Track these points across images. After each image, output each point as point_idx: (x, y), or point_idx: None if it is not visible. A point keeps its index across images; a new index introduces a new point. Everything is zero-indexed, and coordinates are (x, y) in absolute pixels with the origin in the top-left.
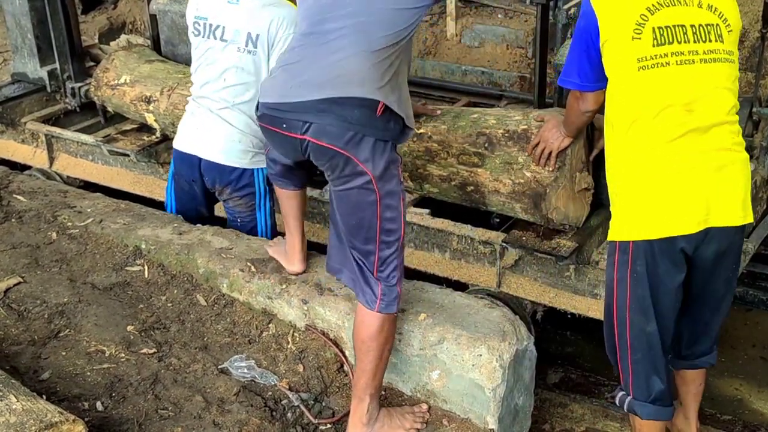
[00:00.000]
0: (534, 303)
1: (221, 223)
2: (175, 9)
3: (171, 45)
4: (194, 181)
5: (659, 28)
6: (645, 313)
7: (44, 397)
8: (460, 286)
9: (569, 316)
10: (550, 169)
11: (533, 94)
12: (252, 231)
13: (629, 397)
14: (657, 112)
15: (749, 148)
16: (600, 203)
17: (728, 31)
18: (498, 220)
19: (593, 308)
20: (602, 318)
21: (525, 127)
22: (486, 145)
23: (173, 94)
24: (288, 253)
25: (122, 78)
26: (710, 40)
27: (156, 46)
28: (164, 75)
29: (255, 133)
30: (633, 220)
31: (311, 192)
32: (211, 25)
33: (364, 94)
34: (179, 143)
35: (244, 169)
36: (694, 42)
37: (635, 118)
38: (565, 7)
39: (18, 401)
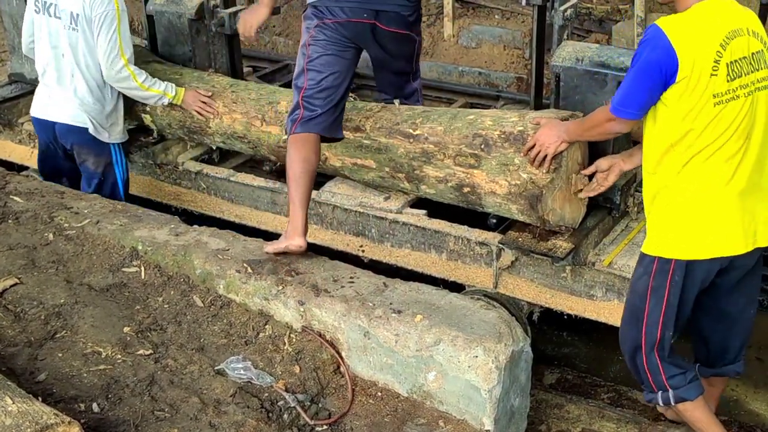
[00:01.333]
0: (530, 304)
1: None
2: (172, 10)
3: (168, 45)
4: (50, 143)
5: (730, 63)
6: (670, 319)
7: (40, 398)
8: (456, 287)
9: (566, 317)
10: (546, 171)
11: (530, 94)
12: (103, 192)
13: (671, 391)
14: (725, 140)
15: None
16: (596, 204)
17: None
18: (495, 220)
19: (589, 309)
20: (599, 319)
21: (521, 128)
22: (482, 146)
23: None
24: (289, 230)
25: None
26: (761, 68)
27: (153, 46)
28: (161, 75)
29: (99, 100)
30: (686, 239)
31: None
32: (46, 3)
33: None
34: (34, 111)
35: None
36: (752, 72)
37: (705, 146)
38: (562, 8)
39: (13, 403)
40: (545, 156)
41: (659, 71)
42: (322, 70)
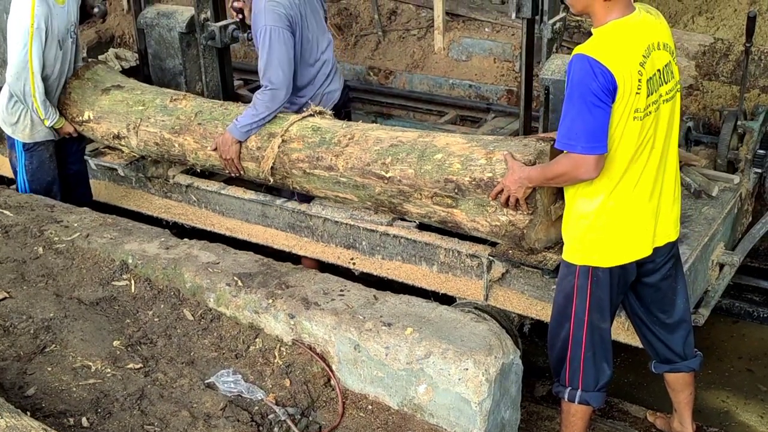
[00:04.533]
0: (521, 316)
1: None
2: (163, 23)
3: (159, 59)
4: None
5: (649, 80)
6: (602, 311)
7: (29, 413)
8: (447, 300)
9: None
10: (523, 211)
11: (520, 107)
12: (18, 183)
13: (579, 391)
14: (634, 152)
15: (734, 161)
16: None
17: (675, 63)
18: None
19: None
20: None
21: (490, 175)
22: (456, 190)
23: (140, 131)
24: None
25: (85, 114)
26: (667, 81)
27: (143, 59)
28: (124, 109)
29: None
30: (600, 248)
31: (299, 206)
32: None
33: None
34: None
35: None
36: (660, 86)
37: (620, 158)
38: (551, 21)
39: (2, 418)
40: (516, 199)
41: (607, 95)
42: None
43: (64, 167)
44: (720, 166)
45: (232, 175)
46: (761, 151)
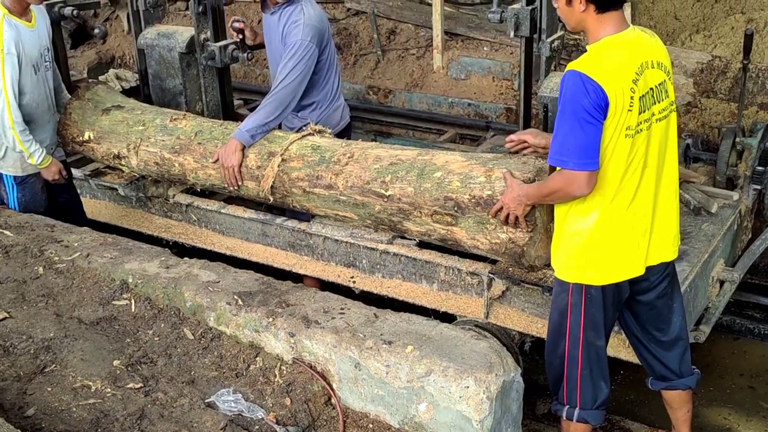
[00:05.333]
0: (522, 334)
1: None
2: (163, 44)
3: (159, 79)
4: None
5: (641, 97)
6: (597, 329)
7: None
8: (448, 318)
9: None
10: (522, 229)
11: (519, 125)
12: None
13: (577, 409)
14: (626, 170)
15: (733, 178)
16: None
17: (671, 82)
18: None
19: None
20: None
21: (490, 192)
22: (455, 208)
23: (140, 151)
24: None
25: (86, 134)
26: (661, 100)
27: (144, 80)
28: (125, 129)
29: None
30: (593, 266)
31: (299, 224)
32: None
33: None
34: None
35: None
36: (653, 104)
37: (611, 176)
38: (549, 40)
39: None
40: (516, 216)
41: (599, 112)
42: None
43: (54, 197)
44: (719, 182)
45: (232, 188)
46: (760, 168)
